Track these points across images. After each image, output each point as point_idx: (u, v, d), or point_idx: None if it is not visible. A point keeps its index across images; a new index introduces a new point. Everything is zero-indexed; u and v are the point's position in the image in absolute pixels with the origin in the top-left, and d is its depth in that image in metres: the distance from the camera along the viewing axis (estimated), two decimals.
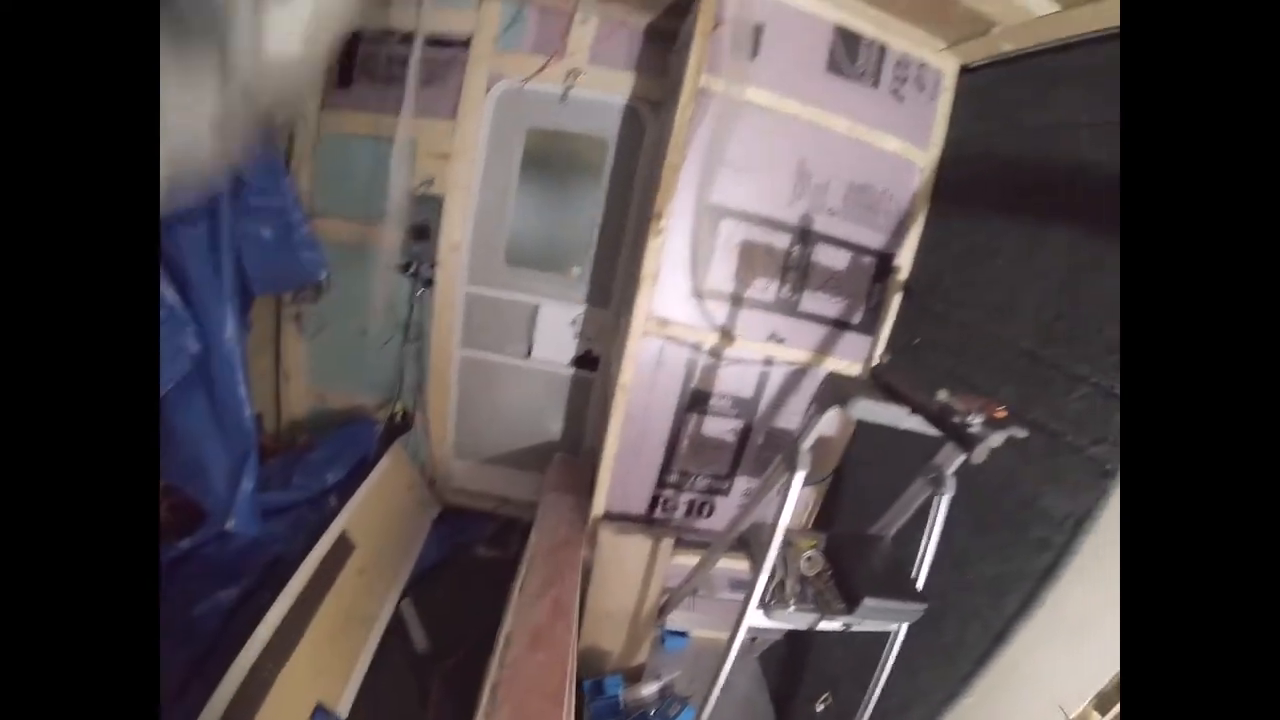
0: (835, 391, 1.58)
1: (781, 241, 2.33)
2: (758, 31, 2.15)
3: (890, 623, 1.78)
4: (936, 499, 1.70)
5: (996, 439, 1.61)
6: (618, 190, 2.71)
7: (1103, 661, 1.46)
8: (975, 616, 1.77)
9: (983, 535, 1.80)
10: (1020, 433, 1.59)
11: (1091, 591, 1.53)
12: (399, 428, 2.93)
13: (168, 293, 1.99)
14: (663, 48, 2.48)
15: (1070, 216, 1.83)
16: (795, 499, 1.63)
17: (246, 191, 2.26)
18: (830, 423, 1.78)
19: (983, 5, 1.97)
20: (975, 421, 1.52)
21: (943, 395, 1.61)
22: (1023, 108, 2.07)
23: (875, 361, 2.51)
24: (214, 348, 2.14)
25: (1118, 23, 1.77)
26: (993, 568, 1.76)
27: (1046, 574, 1.62)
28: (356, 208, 2.60)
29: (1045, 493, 1.65)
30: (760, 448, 2.61)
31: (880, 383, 1.64)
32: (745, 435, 2.58)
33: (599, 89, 2.53)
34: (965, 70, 2.31)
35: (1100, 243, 1.72)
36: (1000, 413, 1.60)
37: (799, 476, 1.63)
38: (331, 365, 2.92)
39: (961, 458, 1.65)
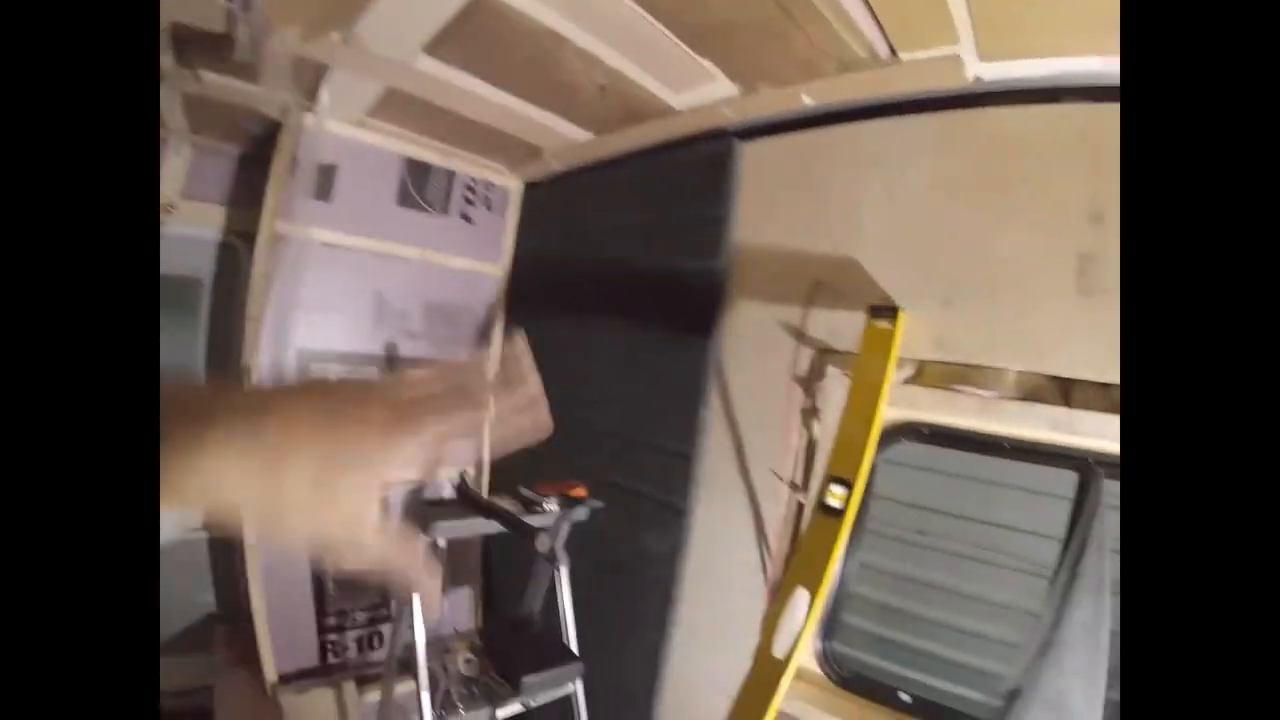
0: (420, 519, 1.72)
1: (369, 373, 2.43)
2: (330, 172, 2.24)
3: (561, 687, 1.97)
4: (556, 573, 1.94)
5: (580, 513, 1.93)
6: (220, 335, 2.54)
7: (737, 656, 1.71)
8: (634, 644, 2.05)
9: (616, 579, 2.11)
10: (596, 504, 1.93)
11: (704, 605, 1.90)
12: None
13: None
14: (260, 177, 2.42)
15: (617, 306, 2.26)
16: (422, 619, 1.72)
17: None
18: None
19: (527, 135, 2.32)
20: (551, 506, 1.82)
21: (524, 490, 1.88)
22: (574, 216, 2.51)
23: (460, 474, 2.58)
24: None
25: (642, 145, 2.22)
26: (627, 606, 2.07)
27: (665, 604, 1.98)
28: None
29: (644, 539, 2.01)
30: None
31: (463, 495, 1.85)
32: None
33: (193, 224, 2.35)
34: (530, 186, 2.70)
35: (641, 324, 2.15)
36: (578, 491, 1.93)
37: (417, 600, 1.73)
38: None
39: (564, 534, 1.93)
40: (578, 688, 1.98)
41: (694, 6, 1.53)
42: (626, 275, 2.25)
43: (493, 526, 1.77)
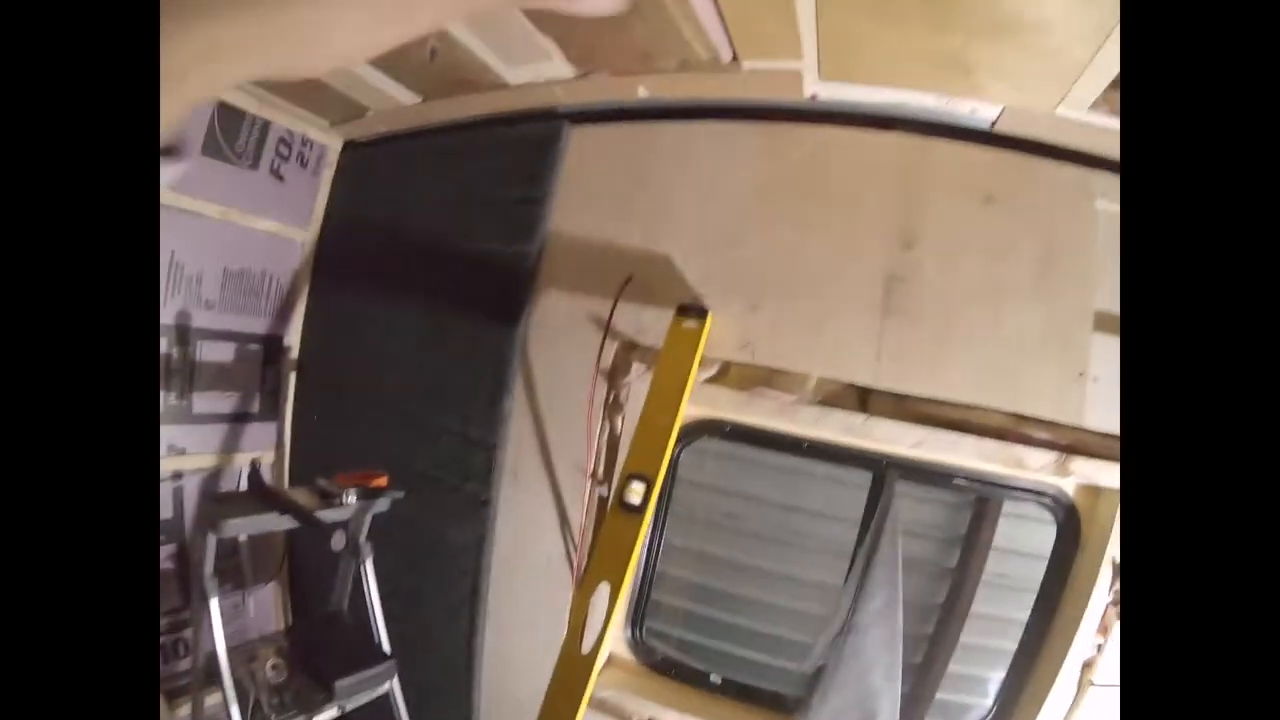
0: (208, 516, 1.56)
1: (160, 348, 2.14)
2: None
3: (377, 688, 1.87)
4: (361, 567, 1.83)
5: (381, 504, 1.83)
6: None
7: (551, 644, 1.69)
8: (447, 636, 2.00)
9: (423, 576, 2.03)
10: (398, 494, 1.83)
11: (514, 595, 1.88)
12: None
13: None
14: None
15: (425, 283, 2.12)
16: (220, 624, 1.57)
17: None
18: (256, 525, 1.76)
19: (354, 93, 2.12)
20: (350, 499, 1.70)
21: (322, 481, 1.74)
22: (392, 184, 2.33)
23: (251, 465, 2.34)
24: None
25: (470, 116, 2.09)
26: (437, 597, 2.00)
27: (473, 593, 1.93)
28: None
29: (448, 528, 1.94)
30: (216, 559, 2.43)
31: (254, 486, 1.69)
32: (183, 556, 2.37)
33: None
34: (349, 146, 2.47)
35: (447, 304, 2.04)
36: (379, 481, 1.82)
37: (213, 604, 1.58)
38: None
39: (366, 526, 1.82)
40: (394, 686, 1.90)
41: None
42: (437, 251, 2.13)
43: (286, 522, 1.64)
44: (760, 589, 1.86)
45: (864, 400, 1.66)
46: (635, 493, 1.50)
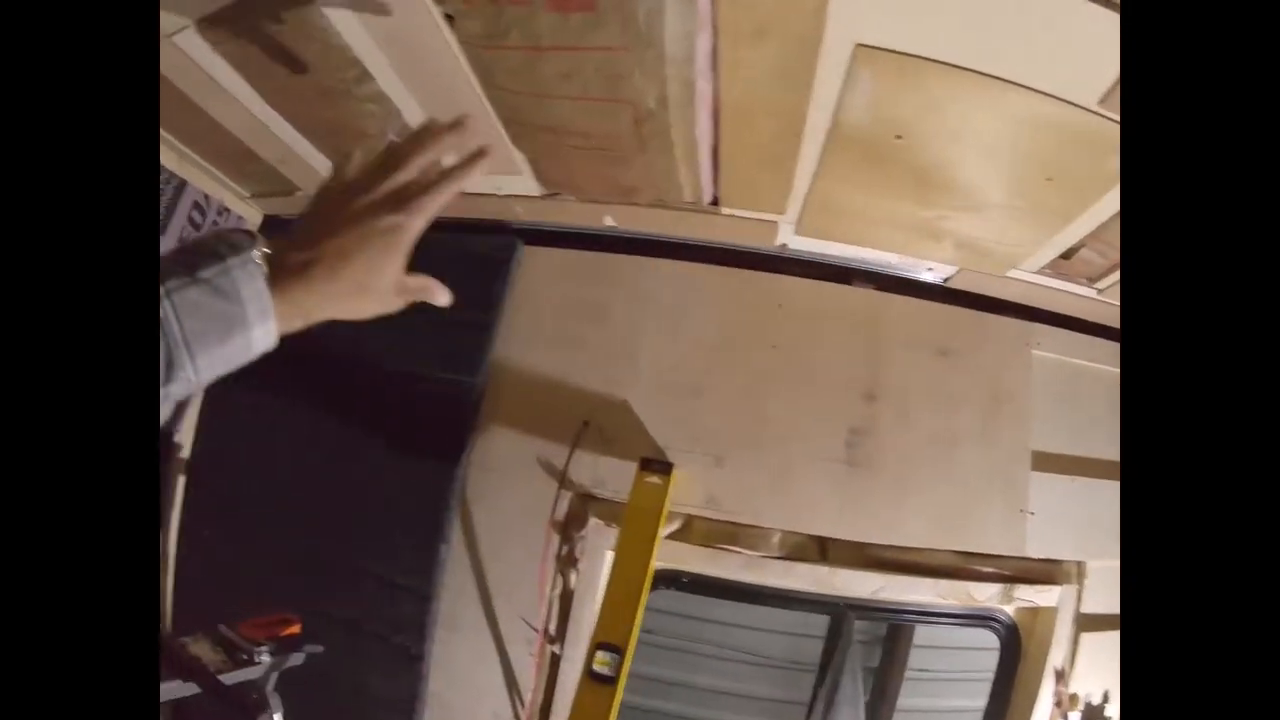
0: None
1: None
2: None
3: None
4: None
5: (296, 659, 1.60)
6: None
7: None
8: None
9: None
10: (315, 649, 1.61)
11: None
12: None
13: None
14: None
15: (345, 398, 1.89)
16: None
17: None
18: None
19: (286, 167, 1.88)
20: (264, 655, 1.48)
21: (224, 629, 1.51)
22: None
23: None
24: None
25: None
26: None
27: None
28: None
29: (371, 681, 1.72)
30: None
31: None
32: None
33: None
34: (270, 222, 2.20)
35: (356, 439, 1.84)
36: (291, 629, 1.59)
37: None
38: None
39: (274, 679, 1.58)
40: None
41: (538, 107, 1.31)
42: (361, 364, 1.90)
43: (188, 689, 1.38)
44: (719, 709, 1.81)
45: (823, 548, 1.65)
46: (604, 663, 1.39)
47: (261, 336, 0.47)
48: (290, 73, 1.47)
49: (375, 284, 0.51)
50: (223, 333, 0.44)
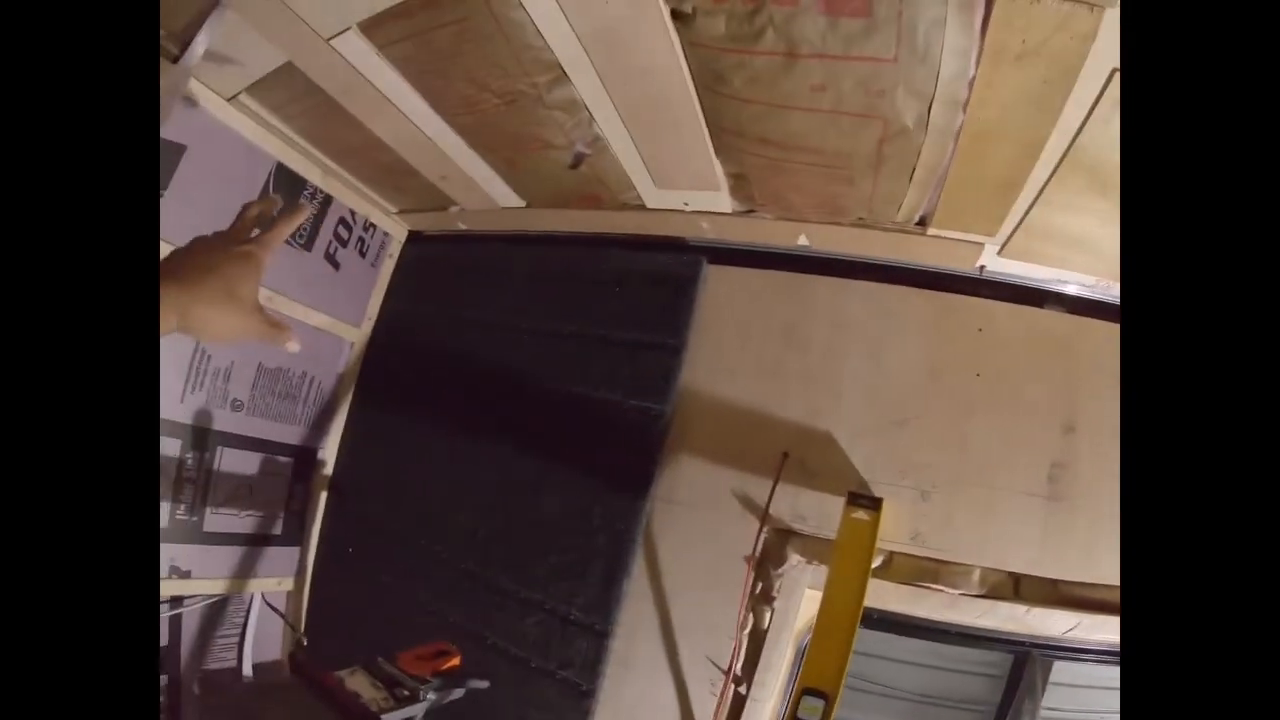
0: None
1: (171, 448, 1.75)
2: (175, 153, 1.56)
3: None
4: None
5: (457, 694, 1.52)
6: None
7: None
8: None
9: None
10: (480, 684, 1.53)
11: None
12: None
13: None
14: None
15: (502, 429, 1.83)
16: None
17: None
18: None
19: (445, 184, 1.83)
20: (429, 695, 1.40)
21: (384, 664, 1.44)
22: (469, 291, 2.03)
23: (294, 642, 2.01)
24: None
25: (573, 228, 1.81)
26: None
27: None
28: None
29: (530, 716, 1.63)
30: (201, 697, 1.98)
31: (302, 674, 1.36)
32: (175, 691, 1.91)
33: None
34: (415, 237, 2.14)
35: (531, 462, 1.75)
36: (453, 661, 1.52)
37: None
38: None
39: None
40: None
41: (769, 118, 1.24)
42: (531, 388, 1.84)
43: None
44: None
45: (1017, 584, 1.57)
46: (812, 709, 1.31)
47: None
48: (469, 79, 1.40)
49: (239, 293, 0.62)
50: None
